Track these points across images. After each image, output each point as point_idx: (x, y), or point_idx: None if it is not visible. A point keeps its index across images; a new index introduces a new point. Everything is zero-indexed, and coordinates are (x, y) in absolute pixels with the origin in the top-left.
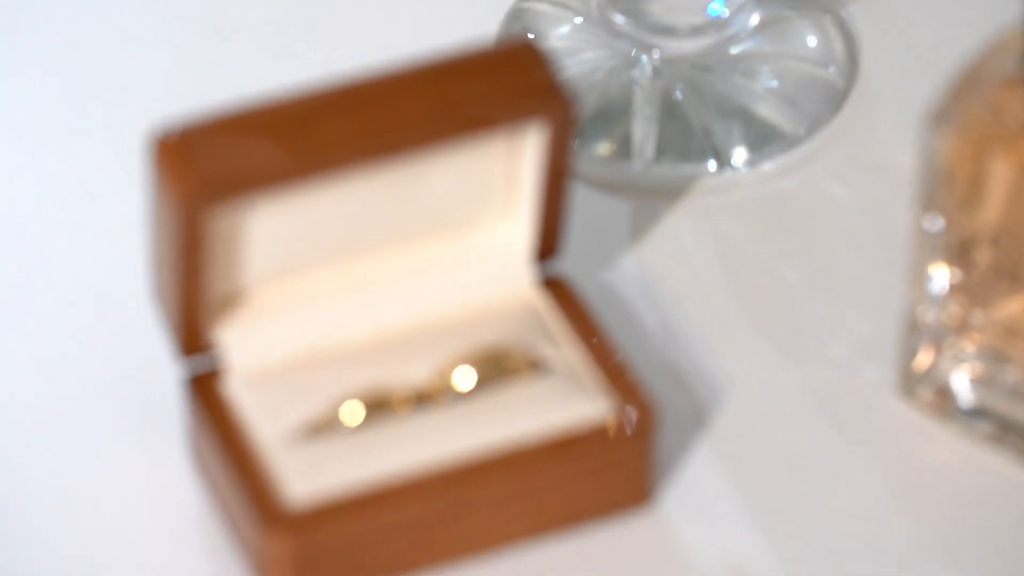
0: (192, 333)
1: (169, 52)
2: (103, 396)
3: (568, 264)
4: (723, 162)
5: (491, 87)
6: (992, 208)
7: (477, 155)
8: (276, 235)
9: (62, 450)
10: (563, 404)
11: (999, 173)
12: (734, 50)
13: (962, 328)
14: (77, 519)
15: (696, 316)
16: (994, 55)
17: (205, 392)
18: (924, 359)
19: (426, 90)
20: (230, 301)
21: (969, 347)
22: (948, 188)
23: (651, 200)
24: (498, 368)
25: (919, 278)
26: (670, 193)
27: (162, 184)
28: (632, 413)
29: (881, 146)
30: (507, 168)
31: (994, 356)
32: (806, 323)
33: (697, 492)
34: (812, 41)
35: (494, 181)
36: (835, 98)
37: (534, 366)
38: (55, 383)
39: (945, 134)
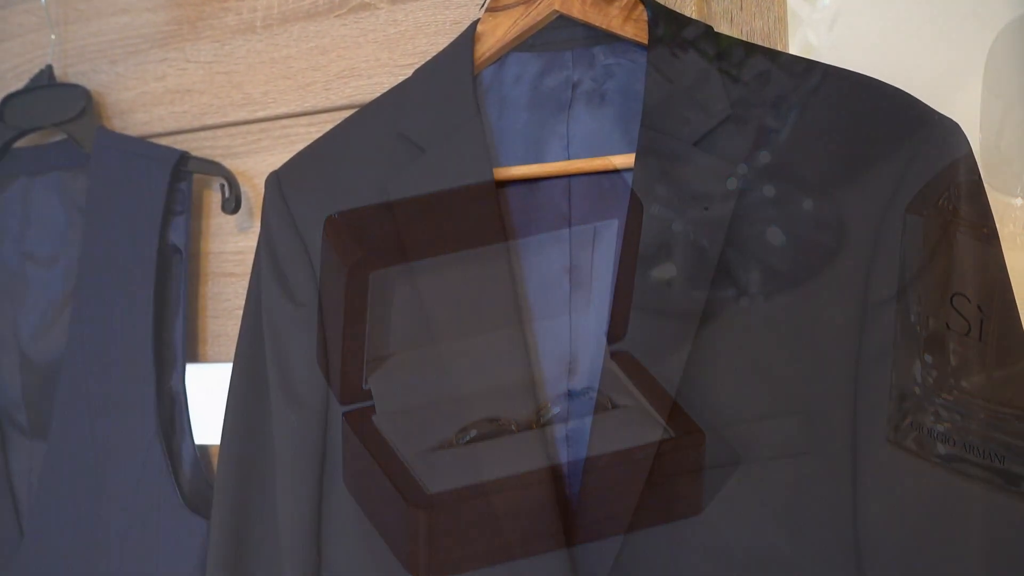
0: (350, 386)
1: None
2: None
3: None
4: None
5: None
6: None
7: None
8: (415, 313)
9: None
10: (634, 426)
11: (961, 243)
12: None
13: (937, 393)
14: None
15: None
16: (947, 172)
17: (359, 423)
18: (909, 416)
19: None
20: (379, 361)
21: (943, 409)
22: (924, 271)
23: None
24: (585, 402)
25: (907, 360)
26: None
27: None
28: (682, 432)
29: None
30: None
31: (960, 412)
32: None
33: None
34: None
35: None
36: None
37: (612, 403)
38: None
39: (917, 223)
